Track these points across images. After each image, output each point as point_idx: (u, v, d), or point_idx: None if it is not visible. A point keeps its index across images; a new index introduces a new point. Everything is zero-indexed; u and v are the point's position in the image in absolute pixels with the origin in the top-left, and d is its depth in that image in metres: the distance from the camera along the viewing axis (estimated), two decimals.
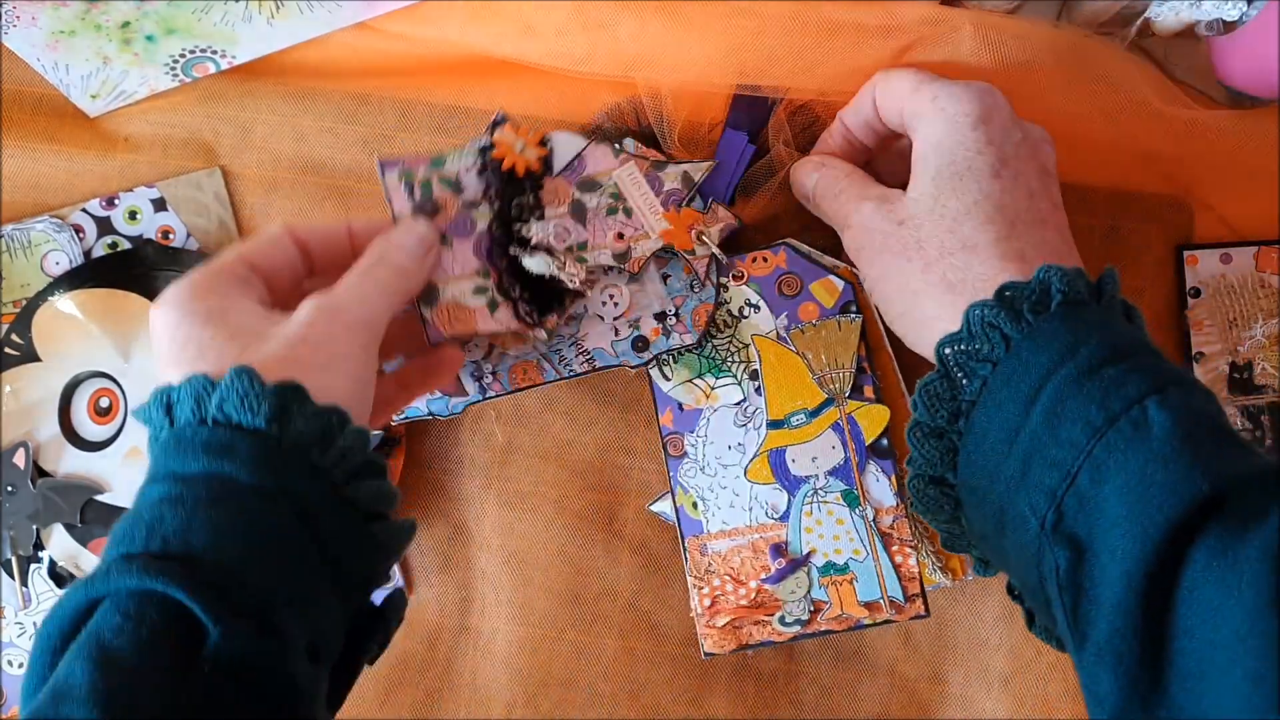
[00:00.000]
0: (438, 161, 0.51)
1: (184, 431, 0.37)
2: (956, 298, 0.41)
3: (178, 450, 0.37)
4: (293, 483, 0.37)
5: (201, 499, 0.36)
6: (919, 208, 0.43)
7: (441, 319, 0.50)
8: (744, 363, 0.53)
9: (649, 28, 0.51)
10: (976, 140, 0.42)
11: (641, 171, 0.52)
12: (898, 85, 0.46)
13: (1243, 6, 0.49)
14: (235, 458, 0.36)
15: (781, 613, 0.51)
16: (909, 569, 0.51)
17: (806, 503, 0.51)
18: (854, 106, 0.49)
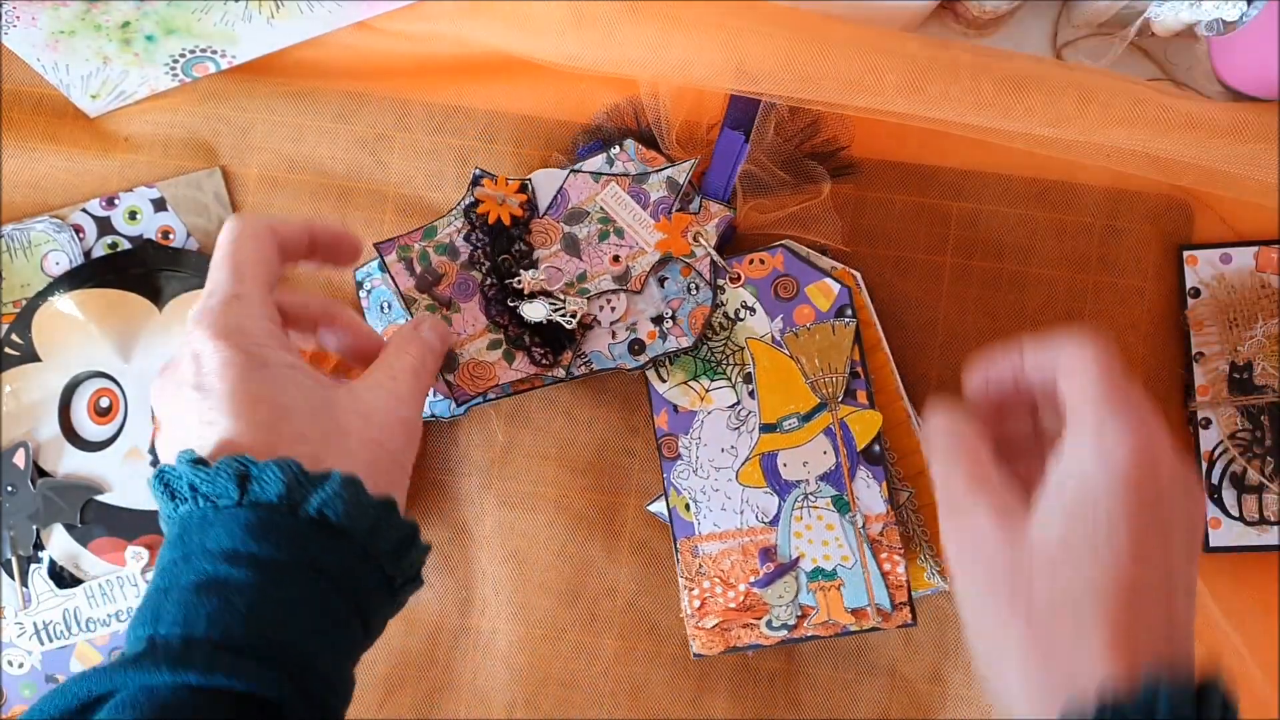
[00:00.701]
0: (430, 232, 0.53)
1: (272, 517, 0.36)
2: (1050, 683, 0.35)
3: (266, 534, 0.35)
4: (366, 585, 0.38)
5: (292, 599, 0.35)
6: (1042, 544, 0.37)
7: (465, 380, 0.52)
8: (739, 366, 0.53)
9: (647, 28, 0.51)
10: (1128, 503, 0.36)
11: (624, 189, 0.53)
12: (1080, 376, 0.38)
13: (1243, 6, 0.49)
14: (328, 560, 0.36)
15: (769, 616, 0.51)
16: (897, 577, 0.50)
17: (797, 507, 0.51)
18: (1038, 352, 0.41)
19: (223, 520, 0.35)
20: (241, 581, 0.35)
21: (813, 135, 0.55)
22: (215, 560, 0.35)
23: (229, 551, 0.35)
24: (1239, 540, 0.53)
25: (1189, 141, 0.50)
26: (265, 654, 0.34)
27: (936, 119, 0.52)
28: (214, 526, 0.35)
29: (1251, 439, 0.53)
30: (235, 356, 0.38)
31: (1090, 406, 0.38)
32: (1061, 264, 0.55)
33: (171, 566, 0.36)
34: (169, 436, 0.39)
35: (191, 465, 0.36)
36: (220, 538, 0.35)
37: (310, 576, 0.36)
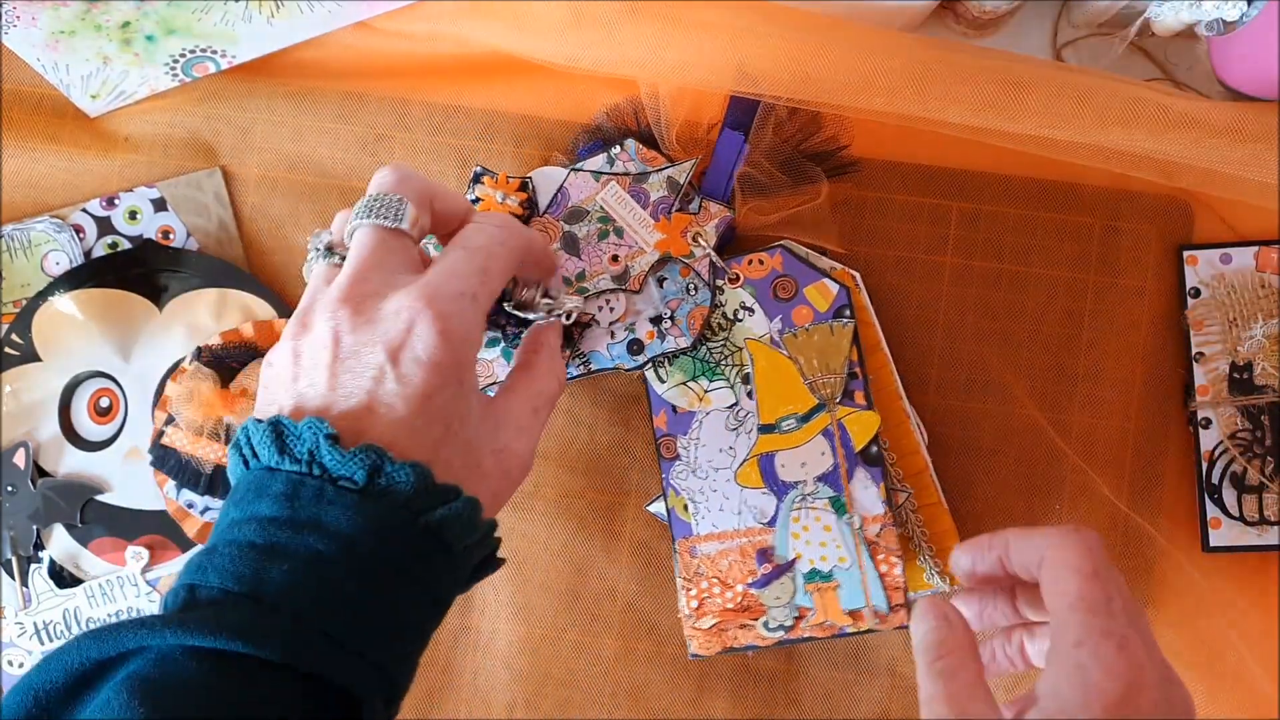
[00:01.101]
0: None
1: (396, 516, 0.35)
2: None
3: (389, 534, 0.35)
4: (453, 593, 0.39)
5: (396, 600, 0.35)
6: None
7: None
8: (737, 366, 0.53)
9: (647, 28, 0.51)
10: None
11: (624, 189, 0.53)
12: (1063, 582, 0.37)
13: (1243, 6, 0.49)
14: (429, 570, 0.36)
15: (766, 618, 0.51)
16: (894, 578, 0.50)
17: (794, 508, 0.51)
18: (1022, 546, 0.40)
19: (345, 503, 0.34)
20: (354, 571, 0.34)
21: (812, 135, 0.55)
22: (331, 541, 0.34)
23: (348, 537, 0.34)
24: (1239, 540, 0.53)
25: (1188, 141, 0.50)
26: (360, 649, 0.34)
27: (936, 120, 0.52)
28: (335, 506, 0.34)
29: (1251, 439, 0.53)
30: (447, 362, 0.37)
31: (1070, 626, 0.36)
32: (1061, 264, 0.55)
33: (275, 527, 0.34)
34: (326, 372, 0.37)
35: (327, 439, 0.35)
36: (339, 520, 0.34)
37: (411, 581, 0.36)
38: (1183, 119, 0.50)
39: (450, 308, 0.38)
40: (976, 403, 0.54)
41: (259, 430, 0.36)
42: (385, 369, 0.37)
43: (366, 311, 0.38)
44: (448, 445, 0.38)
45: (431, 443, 0.37)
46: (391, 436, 0.36)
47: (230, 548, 0.34)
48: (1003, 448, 0.54)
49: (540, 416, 0.43)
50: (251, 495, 0.35)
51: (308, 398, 0.37)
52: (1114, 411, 0.54)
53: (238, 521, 0.35)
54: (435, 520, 0.36)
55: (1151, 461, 0.54)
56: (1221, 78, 0.55)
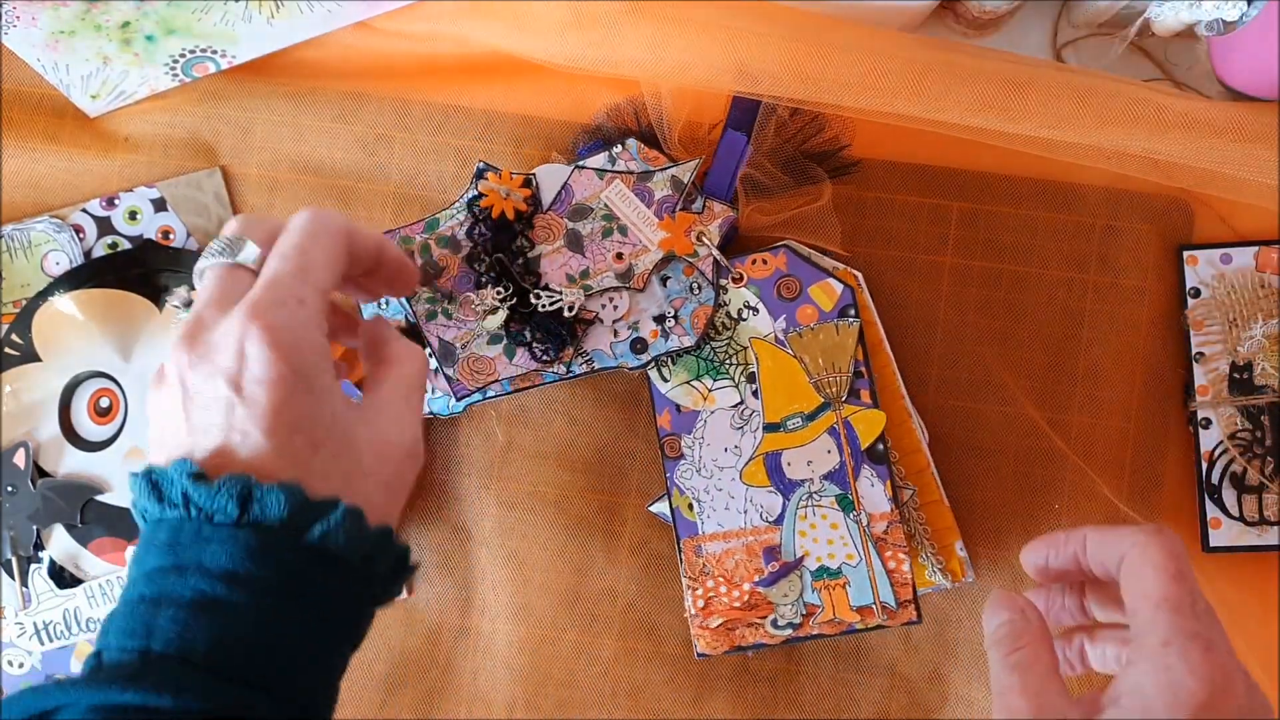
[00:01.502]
0: (431, 224, 0.53)
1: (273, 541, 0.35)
2: None
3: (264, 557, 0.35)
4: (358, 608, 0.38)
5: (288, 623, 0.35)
6: None
7: (464, 375, 0.52)
8: (742, 365, 0.53)
9: (647, 28, 0.51)
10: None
11: (629, 187, 0.53)
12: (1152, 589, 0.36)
13: (1243, 6, 0.49)
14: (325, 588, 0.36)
15: (774, 616, 0.51)
16: (902, 575, 0.50)
17: (801, 506, 0.51)
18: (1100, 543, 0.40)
19: (221, 538, 0.34)
20: (241, 605, 0.34)
21: (813, 135, 0.55)
22: (213, 580, 0.34)
23: (228, 572, 0.34)
24: (1239, 540, 0.53)
25: (1188, 142, 0.50)
26: (262, 682, 0.34)
27: (937, 120, 0.52)
28: (211, 544, 0.34)
29: (1251, 439, 0.53)
30: (287, 374, 0.36)
31: (1155, 626, 0.35)
32: (1061, 264, 0.55)
33: (161, 576, 0.35)
34: (177, 415, 0.37)
35: (191, 479, 0.35)
36: (218, 556, 0.34)
37: (307, 603, 0.35)
38: (1183, 119, 0.50)
39: (275, 318, 0.37)
40: (977, 402, 0.54)
41: (136, 484, 0.36)
42: (230, 398, 0.36)
43: (199, 347, 0.38)
44: (317, 455, 0.37)
45: (297, 457, 0.36)
46: (258, 462, 0.36)
47: (125, 606, 0.35)
48: (1003, 447, 0.54)
49: (413, 401, 0.42)
50: (143, 549, 0.36)
51: (171, 446, 0.37)
52: (1114, 411, 0.54)
53: (133, 579, 0.36)
54: (315, 538, 0.35)
55: (1151, 461, 0.54)
56: (1221, 78, 0.55)
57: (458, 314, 0.53)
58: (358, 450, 0.39)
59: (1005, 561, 0.54)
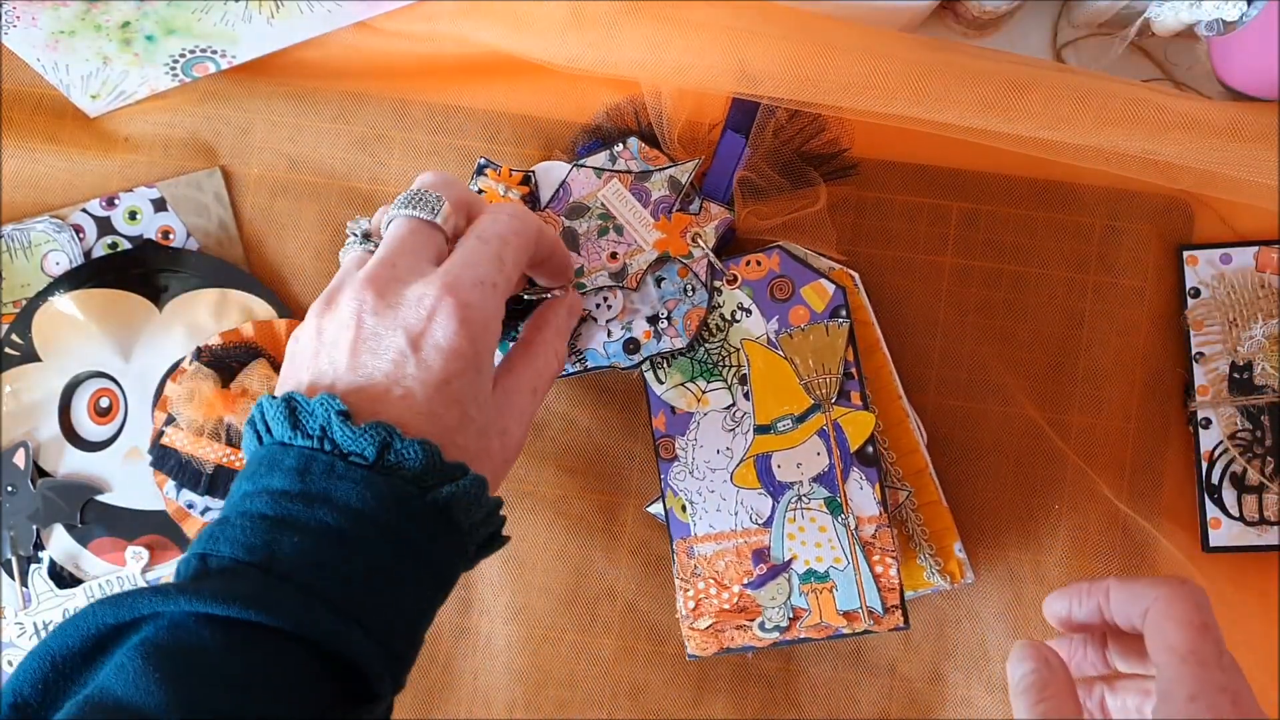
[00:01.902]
0: None
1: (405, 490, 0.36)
2: None
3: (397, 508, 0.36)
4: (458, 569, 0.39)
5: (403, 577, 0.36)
6: None
7: None
8: (735, 367, 0.53)
9: (647, 29, 0.51)
10: None
11: (626, 186, 0.53)
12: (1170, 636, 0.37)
13: (1243, 6, 0.49)
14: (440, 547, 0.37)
15: (762, 618, 0.51)
16: (889, 579, 0.50)
17: (790, 509, 0.51)
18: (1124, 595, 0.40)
19: (354, 478, 0.35)
20: (362, 543, 0.35)
21: (812, 138, 0.55)
22: (340, 514, 0.35)
23: (357, 511, 0.35)
24: (1239, 540, 0.53)
25: (1187, 142, 0.50)
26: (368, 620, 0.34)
27: (936, 121, 0.52)
28: (344, 481, 0.35)
29: (1251, 439, 0.53)
30: (465, 348, 0.38)
31: (1182, 680, 0.36)
32: (1061, 264, 0.55)
33: (288, 500, 0.35)
34: (335, 347, 0.38)
35: (339, 416, 0.36)
36: (349, 494, 0.35)
37: (418, 556, 0.36)
38: (1182, 119, 0.50)
39: (471, 296, 0.39)
40: (976, 403, 0.54)
41: (273, 406, 0.37)
42: (406, 353, 0.38)
43: (389, 296, 0.39)
44: (462, 431, 0.38)
45: (446, 427, 0.38)
46: (407, 417, 0.37)
47: (242, 519, 0.35)
48: (1002, 447, 0.54)
49: (538, 397, 0.44)
50: (264, 469, 0.36)
51: (325, 374, 0.38)
52: (1114, 411, 0.54)
53: (250, 494, 0.36)
54: (443, 497, 0.36)
55: (1151, 461, 0.54)
56: (1221, 78, 0.55)
57: None
58: (489, 434, 0.40)
59: (1004, 562, 0.54)
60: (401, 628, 0.36)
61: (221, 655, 0.32)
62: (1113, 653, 0.43)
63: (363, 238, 0.44)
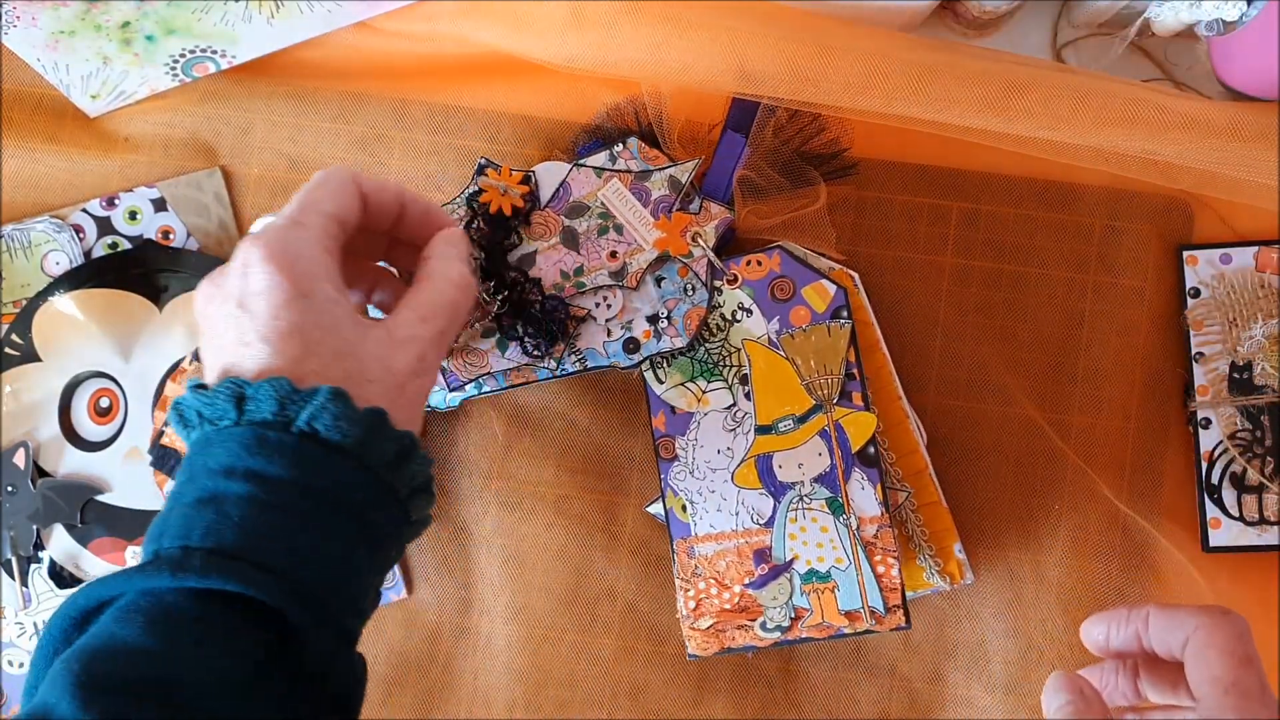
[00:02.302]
0: None
1: (265, 433, 0.37)
2: None
3: (259, 448, 0.36)
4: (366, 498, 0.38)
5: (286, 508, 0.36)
6: None
7: (458, 365, 0.52)
8: (735, 367, 0.52)
9: (647, 29, 0.51)
10: None
11: (626, 185, 0.53)
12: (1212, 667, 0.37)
13: (1243, 6, 0.49)
14: (323, 473, 0.37)
15: (763, 618, 0.51)
16: (891, 579, 0.50)
17: (791, 509, 0.51)
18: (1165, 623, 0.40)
19: (222, 439, 0.37)
20: (237, 494, 0.36)
21: (812, 138, 0.55)
22: (214, 477, 0.36)
23: (226, 468, 0.36)
24: (1239, 540, 0.53)
25: (1187, 142, 0.50)
26: (258, 560, 0.35)
27: (936, 122, 0.52)
28: (214, 446, 0.37)
29: (1251, 439, 0.53)
30: (282, 282, 0.39)
31: (1224, 711, 0.36)
32: (1061, 264, 0.55)
33: (177, 489, 0.37)
34: (206, 345, 0.40)
35: (195, 391, 0.38)
36: (219, 456, 0.36)
37: (306, 491, 0.36)
38: (1182, 119, 0.50)
39: (274, 237, 0.40)
40: (976, 403, 0.54)
41: (169, 416, 0.40)
42: (235, 314, 0.39)
43: (218, 280, 0.40)
44: (313, 358, 0.38)
45: (292, 359, 0.38)
46: (255, 368, 0.38)
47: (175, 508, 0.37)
48: (1002, 448, 0.54)
49: (431, 325, 0.42)
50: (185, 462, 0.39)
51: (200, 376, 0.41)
52: (1114, 411, 0.54)
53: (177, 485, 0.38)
54: (302, 423, 0.36)
55: (1151, 461, 0.54)
56: (1221, 78, 0.55)
57: None
58: (360, 358, 0.40)
59: (1004, 563, 0.54)
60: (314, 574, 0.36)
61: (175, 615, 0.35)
62: (1145, 682, 0.43)
63: None
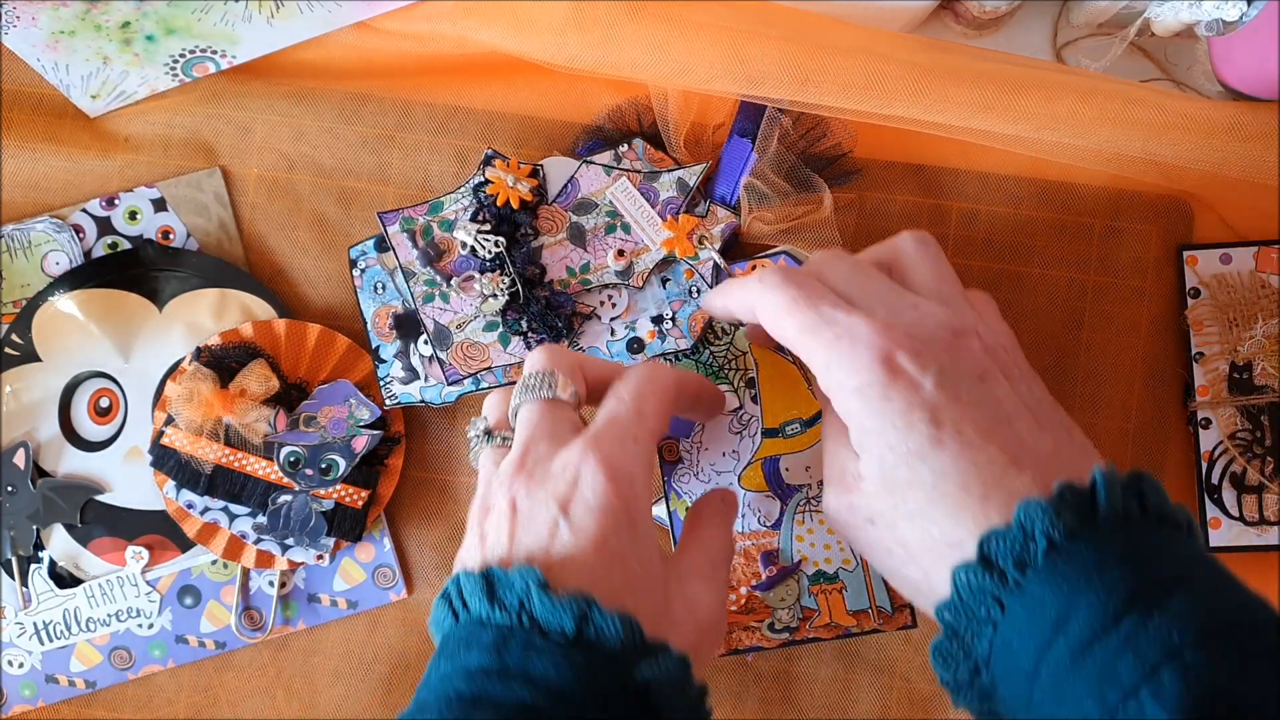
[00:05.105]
0: (436, 206, 0.53)
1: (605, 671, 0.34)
2: (949, 561, 0.36)
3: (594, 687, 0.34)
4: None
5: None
6: (880, 504, 0.38)
7: (458, 359, 0.52)
8: (741, 370, 0.52)
9: (648, 29, 0.51)
10: (897, 411, 0.37)
11: (634, 185, 0.53)
12: (784, 332, 0.40)
13: (1243, 6, 0.49)
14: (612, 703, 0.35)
15: (771, 619, 0.51)
16: None
17: (798, 511, 0.51)
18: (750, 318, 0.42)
19: (552, 652, 0.34)
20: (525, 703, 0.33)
21: (817, 141, 0.55)
22: (536, 691, 0.33)
23: (554, 687, 0.33)
24: (1239, 540, 0.53)
25: (1187, 142, 0.50)
26: None
27: (937, 123, 0.52)
28: (542, 655, 0.34)
29: (1251, 439, 0.53)
30: (617, 505, 0.37)
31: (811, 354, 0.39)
32: (1061, 264, 0.55)
33: (484, 678, 0.34)
34: (506, 534, 0.38)
35: (539, 587, 0.35)
36: (547, 669, 0.34)
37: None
38: (1182, 119, 0.50)
39: (613, 450, 0.38)
40: None
41: (470, 580, 0.36)
42: (558, 520, 0.37)
43: (537, 475, 0.38)
44: (633, 592, 0.37)
45: (615, 588, 0.36)
46: (571, 584, 0.35)
47: (440, 700, 0.34)
48: None
49: (719, 570, 0.42)
50: (461, 647, 0.35)
51: (490, 560, 0.37)
52: (1114, 411, 0.54)
53: (448, 675, 0.35)
54: (644, 678, 0.35)
55: (1151, 461, 0.54)
56: (1221, 78, 0.55)
57: (455, 298, 0.53)
58: (668, 598, 0.39)
59: None
60: None
61: None
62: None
63: (486, 435, 0.44)
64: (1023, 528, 0.34)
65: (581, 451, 0.38)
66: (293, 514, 0.54)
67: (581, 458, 0.38)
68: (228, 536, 0.54)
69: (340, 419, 0.54)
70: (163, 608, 0.55)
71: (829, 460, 0.41)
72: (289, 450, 0.54)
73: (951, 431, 0.36)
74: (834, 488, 0.40)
